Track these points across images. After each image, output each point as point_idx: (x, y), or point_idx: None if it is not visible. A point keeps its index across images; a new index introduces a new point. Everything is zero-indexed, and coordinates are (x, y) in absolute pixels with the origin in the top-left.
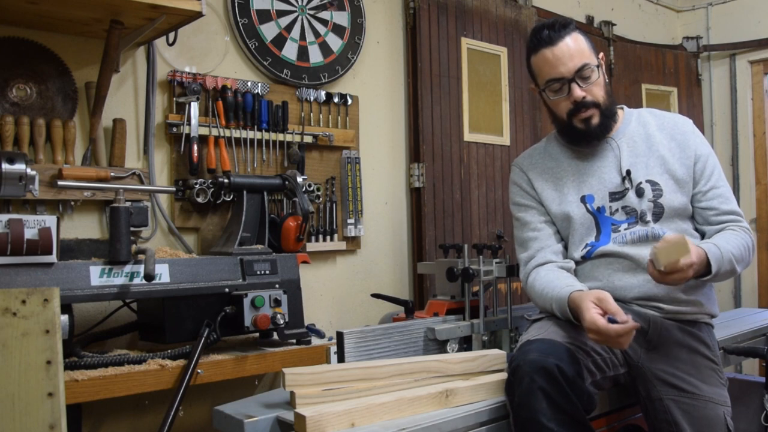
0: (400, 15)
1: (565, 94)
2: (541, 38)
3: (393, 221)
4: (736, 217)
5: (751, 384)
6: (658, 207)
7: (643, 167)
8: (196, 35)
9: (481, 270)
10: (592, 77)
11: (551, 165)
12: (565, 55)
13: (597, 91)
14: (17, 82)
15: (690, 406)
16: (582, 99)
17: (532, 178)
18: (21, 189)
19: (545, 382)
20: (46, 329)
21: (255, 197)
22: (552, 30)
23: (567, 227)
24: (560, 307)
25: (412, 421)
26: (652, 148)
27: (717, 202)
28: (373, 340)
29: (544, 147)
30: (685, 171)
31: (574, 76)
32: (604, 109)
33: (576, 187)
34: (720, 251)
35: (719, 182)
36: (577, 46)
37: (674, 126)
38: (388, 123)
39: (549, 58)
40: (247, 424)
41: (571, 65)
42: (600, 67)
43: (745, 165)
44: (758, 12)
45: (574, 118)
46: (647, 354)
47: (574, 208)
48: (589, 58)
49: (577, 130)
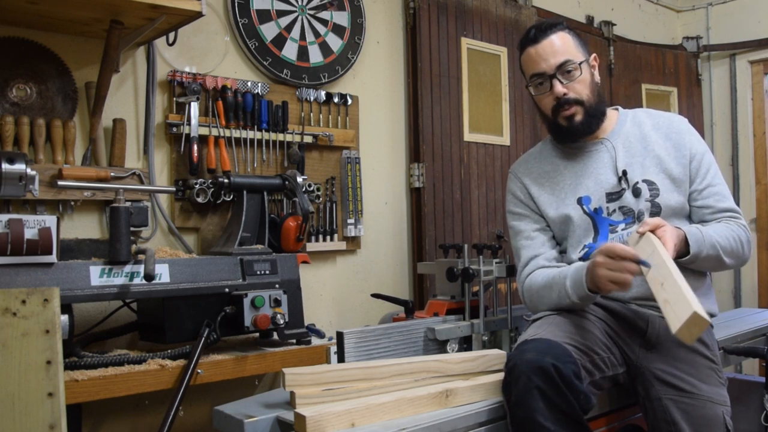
0: (400, 15)
1: (548, 89)
2: (528, 37)
3: (393, 221)
4: (732, 214)
5: (751, 384)
6: (655, 206)
7: (639, 167)
8: (196, 35)
9: (481, 270)
10: (574, 74)
11: (547, 169)
12: (547, 51)
13: (580, 89)
14: (17, 82)
15: (689, 405)
16: (563, 95)
17: (527, 184)
18: (21, 189)
19: (542, 382)
20: (46, 329)
21: (255, 197)
22: (539, 30)
23: (566, 229)
24: (576, 275)
25: (412, 421)
26: (647, 148)
27: (713, 200)
28: (373, 340)
29: (540, 151)
30: (681, 170)
31: (555, 72)
32: (588, 107)
33: (573, 189)
34: (702, 235)
35: (715, 180)
36: (563, 44)
37: (669, 125)
38: (388, 123)
39: (532, 55)
40: (247, 424)
41: (553, 61)
42: (587, 65)
43: (745, 165)
44: (758, 12)
45: (558, 115)
46: (646, 354)
47: (571, 210)
48: (573, 55)
49: (561, 128)
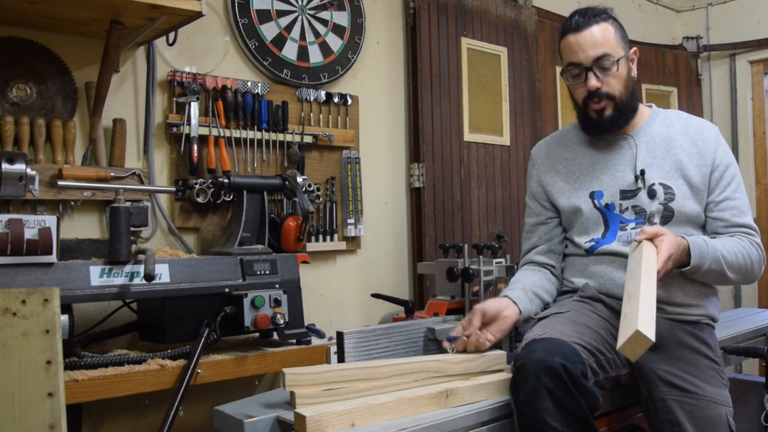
0: (400, 15)
1: (583, 81)
2: (570, 24)
3: (393, 221)
4: (747, 231)
5: (751, 384)
6: (667, 210)
7: (658, 169)
8: (196, 35)
9: (481, 270)
10: (611, 69)
11: (567, 155)
12: (587, 42)
13: (615, 84)
14: (17, 82)
15: (693, 406)
16: (596, 89)
17: (542, 171)
18: (21, 189)
19: (550, 381)
20: (46, 329)
21: (255, 197)
22: (582, 17)
23: (574, 219)
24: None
25: (412, 421)
26: (670, 151)
27: (729, 213)
28: (373, 340)
29: (563, 134)
30: (701, 178)
31: (591, 65)
32: (619, 102)
33: (587, 180)
34: (707, 247)
35: (735, 194)
36: (604, 36)
37: (698, 131)
38: (388, 123)
39: (572, 44)
40: (247, 424)
41: (591, 53)
42: (625, 61)
43: (745, 165)
44: (758, 12)
45: (588, 107)
46: (649, 354)
47: (583, 202)
48: (613, 49)
49: (590, 119)
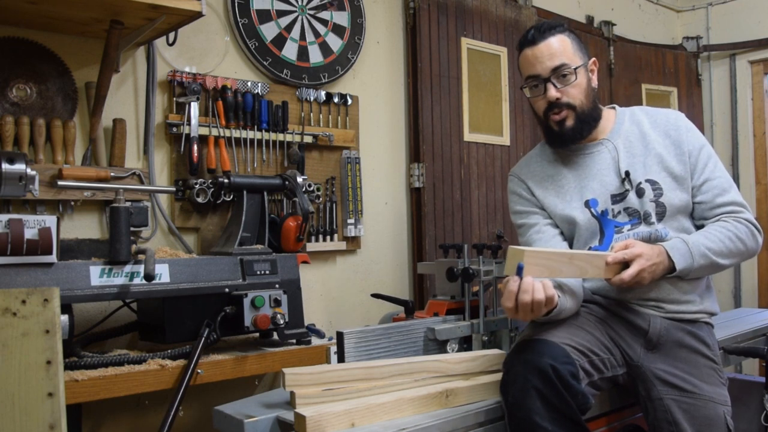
0: (400, 15)
1: (542, 93)
2: (526, 38)
3: (393, 221)
4: (734, 208)
5: (751, 384)
6: (660, 206)
7: (641, 167)
8: (196, 35)
9: (481, 270)
10: (570, 78)
11: (551, 172)
12: (543, 54)
13: (575, 93)
14: (17, 82)
15: (690, 405)
16: (555, 100)
17: (531, 186)
18: (21, 189)
19: (539, 382)
20: (46, 329)
21: (255, 197)
22: (537, 31)
23: (572, 230)
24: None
25: (412, 421)
26: (648, 147)
27: (711, 194)
28: (373, 340)
29: (540, 153)
30: (682, 167)
31: (550, 76)
32: (580, 112)
33: (578, 192)
34: (688, 247)
35: (714, 173)
36: (560, 47)
37: (667, 122)
38: (388, 123)
39: (529, 57)
40: (247, 424)
41: (549, 64)
42: (584, 70)
43: (745, 165)
44: (758, 12)
45: (549, 118)
46: (647, 354)
47: (578, 213)
48: (570, 59)
49: (552, 131)
